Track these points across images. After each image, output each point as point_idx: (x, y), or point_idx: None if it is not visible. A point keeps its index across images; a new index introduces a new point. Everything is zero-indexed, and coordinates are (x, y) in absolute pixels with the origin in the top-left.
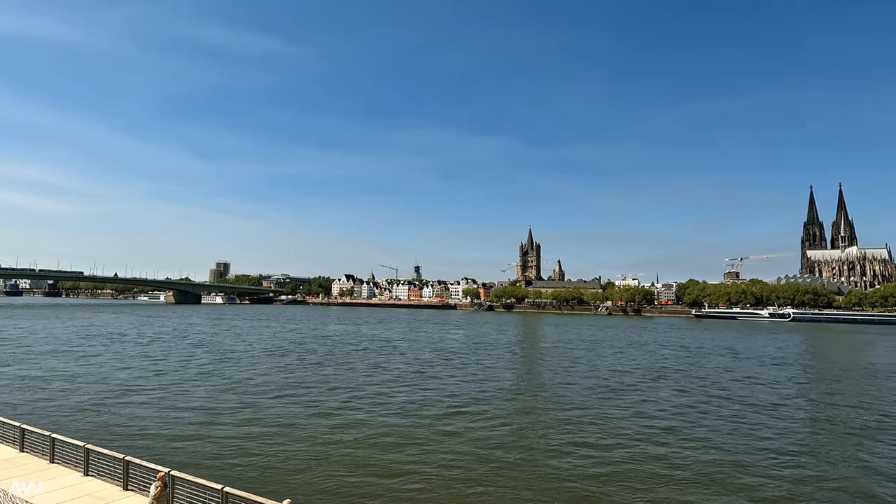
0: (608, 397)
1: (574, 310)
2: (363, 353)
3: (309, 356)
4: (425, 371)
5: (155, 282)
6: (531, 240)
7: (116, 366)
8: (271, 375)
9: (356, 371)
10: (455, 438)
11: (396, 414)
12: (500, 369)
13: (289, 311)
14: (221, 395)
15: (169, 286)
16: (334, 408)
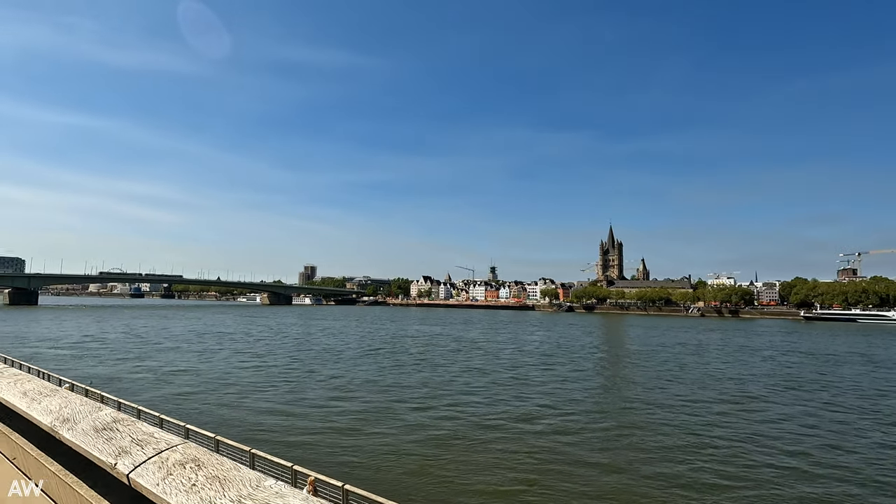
0: (738, 413)
1: (661, 311)
2: (454, 354)
3: (401, 356)
4: (522, 374)
5: (252, 284)
6: (612, 237)
7: (233, 363)
8: (373, 375)
9: (452, 372)
10: (567, 449)
11: (505, 418)
12: (600, 374)
13: (372, 312)
14: (333, 394)
15: (264, 288)
16: (439, 409)
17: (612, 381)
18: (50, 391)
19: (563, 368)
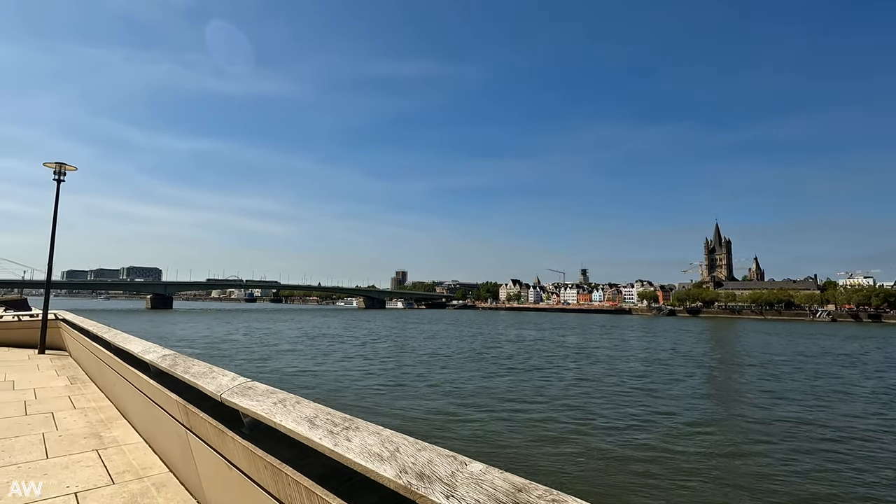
0: None
1: (781, 315)
2: (562, 361)
3: (507, 361)
4: (648, 385)
5: (348, 289)
6: (718, 235)
7: (347, 365)
8: (487, 381)
9: (566, 380)
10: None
11: (652, 435)
12: (747, 388)
13: (463, 316)
14: (452, 401)
15: (359, 293)
16: (567, 419)
17: (764, 396)
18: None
19: (696, 381)
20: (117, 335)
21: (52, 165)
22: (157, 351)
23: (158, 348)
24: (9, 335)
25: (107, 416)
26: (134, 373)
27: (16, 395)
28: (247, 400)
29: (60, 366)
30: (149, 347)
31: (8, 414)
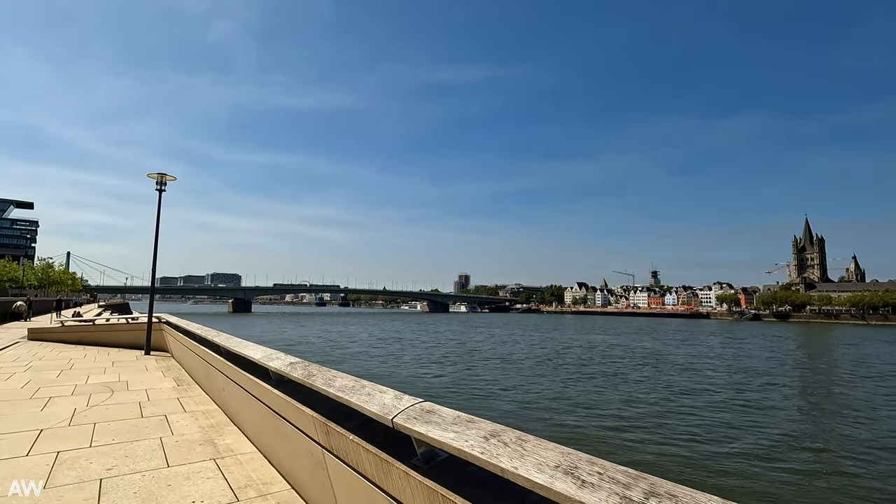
0: None
1: (888, 320)
2: (643, 368)
3: (585, 368)
4: (745, 397)
5: (412, 293)
6: (809, 232)
7: (421, 369)
8: (567, 390)
9: (654, 389)
10: None
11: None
12: (859, 403)
13: (528, 320)
14: (542, 407)
15: (423, 297)
16: (671, 438)
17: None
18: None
19: (807, 394)
20: (229, 339)
21: (155, 176)
22: (281, 358)
23: (282, 355)
24: (119, 337)
25: (216, 421)
26: (251, 380)
27: (131, 397)
28: (437, 430)
29: (165, 367)
30: (270, 354)
31: (126, 416)
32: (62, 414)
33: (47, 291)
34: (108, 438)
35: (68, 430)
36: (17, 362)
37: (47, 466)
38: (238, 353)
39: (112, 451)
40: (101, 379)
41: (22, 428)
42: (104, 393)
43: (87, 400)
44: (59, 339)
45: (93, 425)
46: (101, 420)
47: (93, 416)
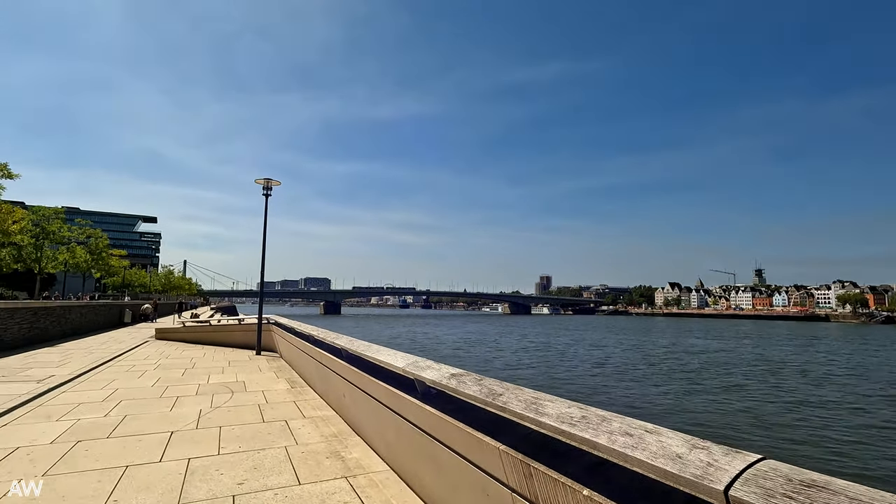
0: None
1: None
2: (769, 377)
3: (693, 376)
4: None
5: (493, 295)
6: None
7: (514, 375)
8: (689, 401)
9: (790, 403)
10: None
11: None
12: None
13: (616, 322)
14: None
15: (504, 299)
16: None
17: None
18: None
19: None
20: (353, 342)
21: (262, 181)
22: (434, 368)
23: (433, 363)
24: (232, 337)
25: (337, 429)
26: (386, 390)
27: (249, 398)
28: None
29: (277, 367)
30: (417, 362)
31: (248, 419)
32: (189, 415)
33: (169, 295)
34: (234, 445)
35: (196, 434)
36: (148, 360)
37: (180, 476)
38: (368, 358)
39: (240, 460)
40: (221, 379)
41: (155, 429)
42: (225, 394)
43: (210, 401)
44: (181, 338)
45: (218, 429)
46: (226, 424)
47: (217, 419)
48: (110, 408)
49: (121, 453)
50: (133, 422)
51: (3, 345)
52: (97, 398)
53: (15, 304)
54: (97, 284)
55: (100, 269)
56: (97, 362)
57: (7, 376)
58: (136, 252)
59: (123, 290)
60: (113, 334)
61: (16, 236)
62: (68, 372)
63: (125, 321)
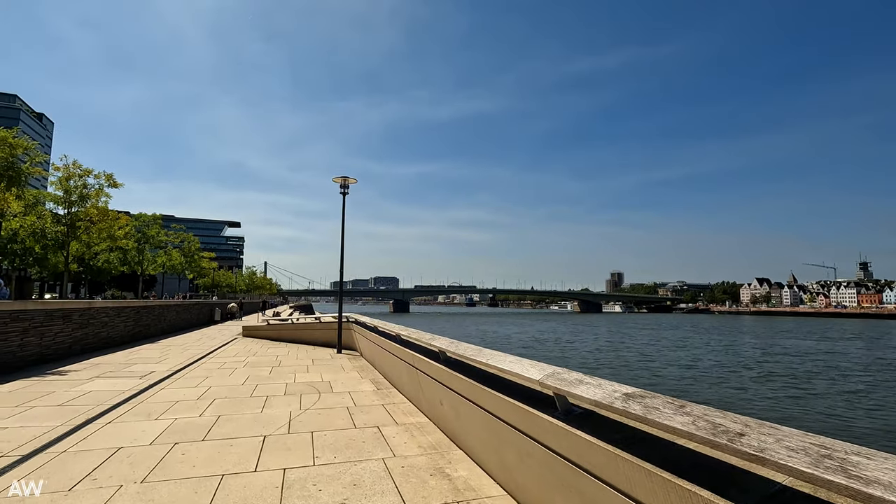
0: None
1: None
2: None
3: (822, 386)
4: None
5: (561, 293)
6: None
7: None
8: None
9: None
10: None
11: None
12: None
13: (698, 321)
14: None
15: (573, 296)
16: None
17: None
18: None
19: None
20: (456, 345)
21: (339, 180)
22: (591, 383)
23: (587, 377)
24: (313, 335)
25: (434, 440)
26: (513, 406)
27: (337, 400)
28: None
29: (359, 367)
30: (555, 373)
31: (339, 424)
32: (280, 418)
33: (252, 295)
34: (328, 454)
35: (289, 440)
36: (237, 358)
37: (276, 490)
38: (480, 365)
39: (337, 473)
40: (307, 378)
41: (248, 432)
42: (312, 394)
43: (298, 401)
44: (265, 335)
45: (310, 434)
46: (317, 428)
47: (308, 423)
48: (204, 407)
49: (216, 459)
50: (226, 423)
51: (112, 341)
52: (192, 396)
53: (121, 304)
54: (191, 285)
55: (192, 271)
56: (192, 359)
57: (114, 371)
58: (223, 255)
59: (213, 290)
60: (205, 331)
61: (121, 241)
62: (166, 368)
63: (215, 319)
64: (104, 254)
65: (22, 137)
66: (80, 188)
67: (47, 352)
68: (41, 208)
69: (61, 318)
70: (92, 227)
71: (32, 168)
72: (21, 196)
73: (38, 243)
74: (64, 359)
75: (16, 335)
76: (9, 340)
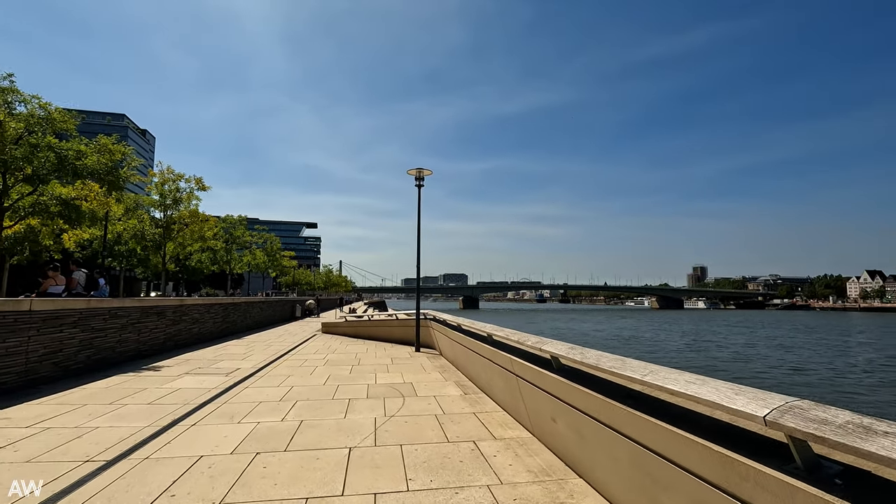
0: None
1: None
2: None
3: None
4: None
5: (637, 288)
6: None
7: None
8: None
9: None
10: None
11: None
12: None
13: (798, 318)
14: None
15: (650, 292)
16: None
17: None
18: None
19: None
20: (580, 352)
21: (414, 172)
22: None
23: (816, 406)
24: (390, 332)
25: (544, 462)
26: (697, 446)
27: (423, 406)
28: None
29: (440, 367)
30: (787, 405)
31: (430, 436)
32: (364, 426)
33: (329, 292)
34: (423, 476)
35: (376, 455)
36: (317, 355)
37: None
38: (622, 379)
39: (436, 502)
40: (388, 379)
41: (331, 443)
42: (396, 398)
43: (382, 406)
44: (344, 332)
45: (399, 448)
46: (406, 440)
47: (395, 433)
48: (287, 409)
49: (299, 476)
50: (309, 430)
51: (202, 337)
52: (275, 397)
53: (209, 301)
54: (274, 283)
55: (275, 269)
56: (275, 356)
57: (202, 368)
58: (301, 254)
59: (293, 287)
60: (287, 327)
61: (210, 242)
62: (251, 365)
63: (296, 315)
64: (196, 254)
65: (120, 144)
66: (174, 192)
67: (143, 347)
68: (141, 212)
69: (155, 315)
70: (185, 228)
71: (129, 172)
72: (120, 199)
73: (138, 245)
74: (158, 354)
75: (114, 331)
76: (108, 336)
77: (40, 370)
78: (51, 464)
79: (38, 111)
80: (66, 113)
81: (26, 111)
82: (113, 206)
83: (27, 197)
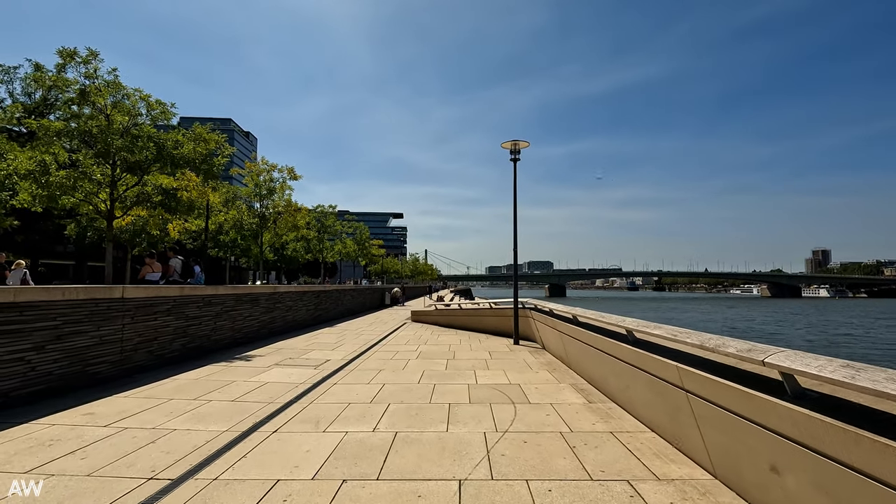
0: None
1: None
2: None
3: None
4: None
5: (743, 275)
6: None
7: None
8: None
9: None
10: None
11: None
12: None
13: None
14: None
15: (759, 279)
16: None
17: None
18: None
19: None
20: (810, 359)
21: (508, 145)
22: None
23: None
24: (483, 322)
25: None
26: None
27: (541, 419)
28: None
29: (546, 364)
30: None
31: (564, 470)
32: (473, 445)
33: (415, 280)
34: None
35: (497, 497)
36: (408, 346)
37: None
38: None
39: None
40: (489, 377)
41: (436, 469)
42: (505, 404)
43: (490, 416)
44: (434, 321)
45: (525, 486)
46: (532, 473)
47: (515, 459)
48: (378, 415)
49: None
50: (405, 449)
51: (296, 324)
52: (365, 397)
53: (302, 289)
54: (364, 272)
55: (364, 258)
56: (365, 346)
57: (293, 359)
58: (389, 244)
59: (382, 276)
60: (377, 315)
61: (303, 231)
62: (341, 356)
63: (386, 303)
64: (292, 243)
65: (214, 132)
66: (268, 182)
67: (238, 335)
68: (239, 202)
69: (249, 303)
70: (280, 218)
71: (223, 158)
72: (216, 188)
73: (238, 234)
74: (252, 342)
75: (209, 319)
76: (203, 324)
77: (136, 358)
78: (111, 480)
79: (139, 104)
80: (164, 104)
81: (128, 104)
82: (210, 195)
83: (133, 188)
